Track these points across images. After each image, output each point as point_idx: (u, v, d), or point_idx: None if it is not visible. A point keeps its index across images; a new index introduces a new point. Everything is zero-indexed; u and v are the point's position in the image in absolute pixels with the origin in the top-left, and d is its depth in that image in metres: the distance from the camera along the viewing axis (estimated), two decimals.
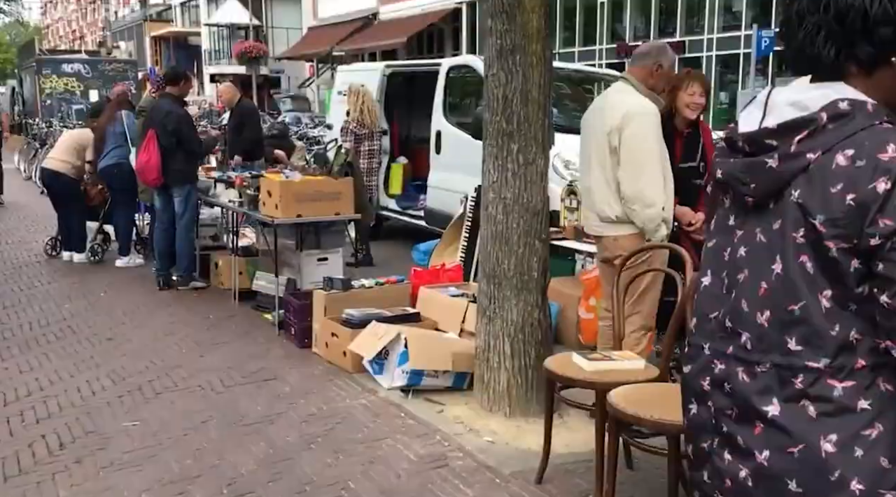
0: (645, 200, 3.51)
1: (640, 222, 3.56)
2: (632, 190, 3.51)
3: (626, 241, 3.66)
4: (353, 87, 7.84)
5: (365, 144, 7.82)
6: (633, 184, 3.51)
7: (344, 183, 5.63)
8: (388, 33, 29.30)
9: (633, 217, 3.57)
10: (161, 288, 6.65)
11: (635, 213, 3.54)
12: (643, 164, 3.50)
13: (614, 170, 3.59)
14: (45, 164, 7.62)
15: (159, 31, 45.39)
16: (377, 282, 5.12)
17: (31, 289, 6.64)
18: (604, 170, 3.65)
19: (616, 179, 3.59)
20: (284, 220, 5.43)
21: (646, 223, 3.54)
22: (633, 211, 3.54)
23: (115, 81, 21.12)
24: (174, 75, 6.64)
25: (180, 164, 6.43)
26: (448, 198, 8.03)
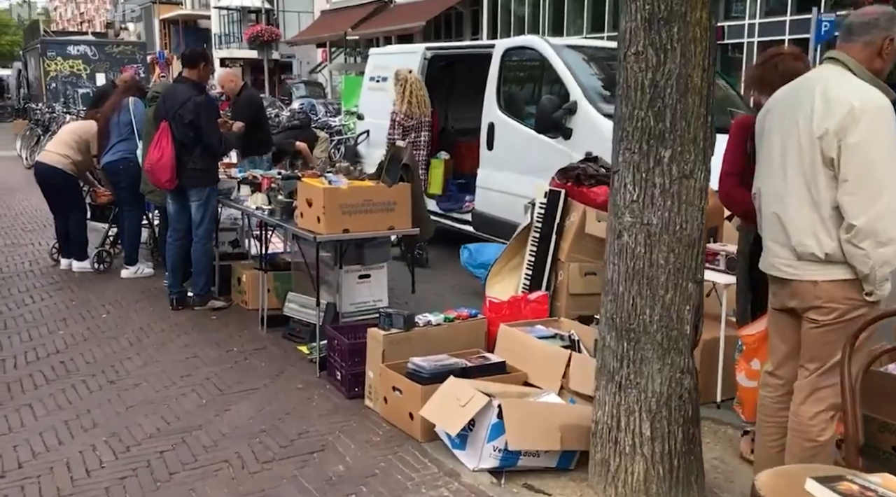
0: (879, 236, 2.44)
1: (863, 266, 2.49)
2: (864, 220, 2.43)
3: (833, 290, 2.59)
4: (400, 74, 6.75)
5: (410, 137, 6.77)
6: (864, 211, 2.44)
7: (399, 190, 4.58)
8: (405, 17, 28.21)
9: (855, 258, 2.50)
10: (175, 307, 5.62)
11: (861, 254, 2.47)
12: (881, 184, 2.44)
13: (829, 189, 2.52)
14: (41, 158, 6.58)
15: (168, 13, 44.38)
16: (446, 317, 4.07)
17: (21, 307, 5.62)
18: (810, 188, 2.58)
19: (832, 203, 2.52)
20: (329, 236, 4.39)
21: (874, 268, 2.48)
22: (859, 250, 2.47)
23: (122, 64, 20.16)
24: (192, 56, 5.57)
25: (199, 163, 5.38)
26: (501, 200, 6.97)
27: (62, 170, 6.45)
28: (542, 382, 3.68)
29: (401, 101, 6.70)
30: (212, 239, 5.73)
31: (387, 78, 8.70)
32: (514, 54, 7.10)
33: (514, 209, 6.78)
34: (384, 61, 8.84)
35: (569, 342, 3.92)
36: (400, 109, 6.71)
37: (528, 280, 5.74)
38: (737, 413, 3.46)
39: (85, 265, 6.68)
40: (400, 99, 6.71)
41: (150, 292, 6.08)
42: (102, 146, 6.43)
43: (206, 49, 5.92)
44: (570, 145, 6.24)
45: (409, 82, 6.73)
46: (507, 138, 6.97)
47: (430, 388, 3.49)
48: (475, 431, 3.26)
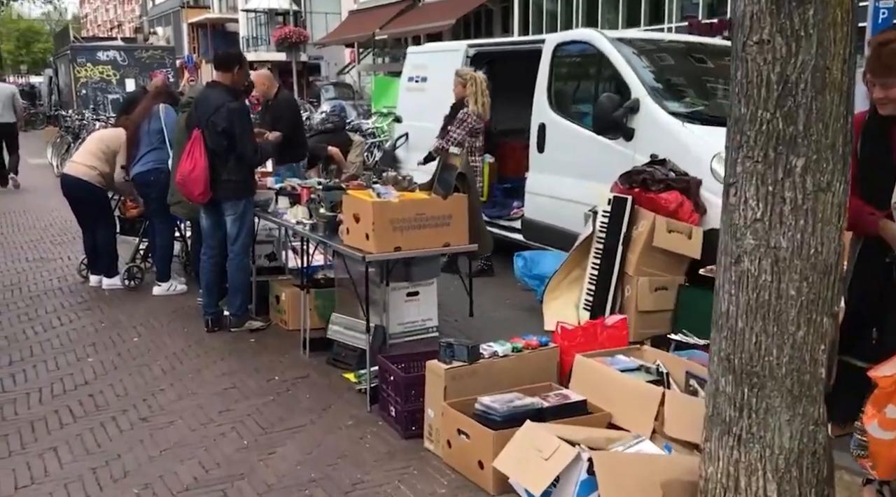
0: None
1: None
2: None
3: None
4: (465, 73, 6.30)
5: (468, 141, 6.33)
6: None
7: (455, 202, 4.13)
8: (435, 15, 27.80)
9: None
10: (210, 329, 5.24)
11: None
12: None
13: None
14: (67, 170, 6.25)
15: (196, 17, 44.47)
16: (514, 347, 3.61)
17: (49, 330, 5.28)
18: None
19: None
20: (379, 255, 3.96)
21: None
22: None
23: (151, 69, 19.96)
24: (225, 59, 5.18)
25: (233, 174, 4.99)
26: (553, 207, 6.49)
27: (89, 182, 6.10)
28: (630, 424, 3.21)
29: (473, 101, 6.26)
30: (249, 255, 5.34)
31: (426, 78, 8.28)
32: (567, 49, 6.62)
33: (567, 216, 6.31)
34: (423, 60, 8.40)
35: (656, 375, 3.44)
36: (474, 110, 6.26)
37: (590, 296, 5.27)
38: (863, 467, 2.95)
39: (115, 282, 6.34)
40: (473, 99, 6.26)
41: (184, 311, 5.71)
42: (132, 156, 6.08)
43: (240, 51, 5.51)
44: (632, 147, 5.75)
45: (478, 81, 6.28)
46: (560, 140, 6.49)
47: (503, 433, 3.04)
48: (561, 488, 2.80)
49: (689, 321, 4.96)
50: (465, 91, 6.28)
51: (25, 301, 5.98)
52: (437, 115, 7.83)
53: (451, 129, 6.28)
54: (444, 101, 7.72)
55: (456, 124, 6.27)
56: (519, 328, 5.35)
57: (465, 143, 6.28)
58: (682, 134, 5.45)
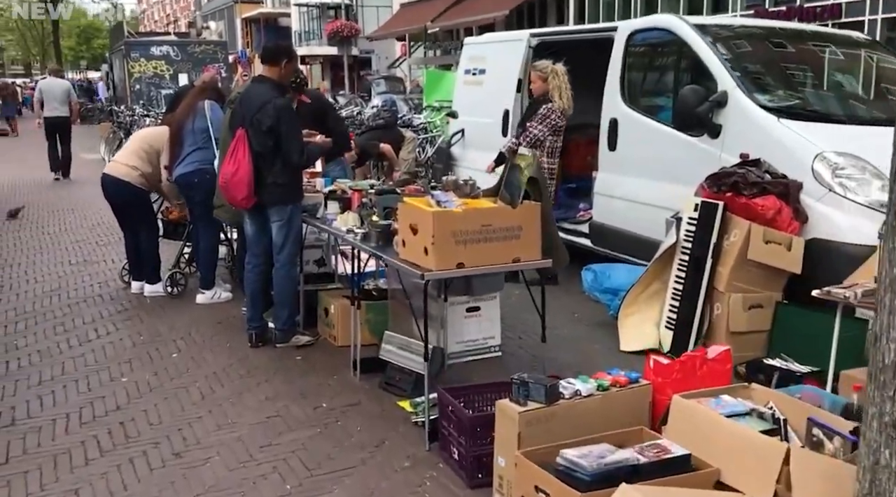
0: None
1: None
2: None
3: None
4: (541, 67, 5.73)
5: (548, 141, 5.78)
6: None
7: (526, 212, 3.61)
8: (488, 6, 27.25)
9: None
10: (254, 344, 4.84)
11: None
12: None
13: None
14: (107, 170, 5.92)
15: (250, 12, 44.74)
16: (600, 384, 3.08)
17: (84, 344, 4.94)
18: None
19: None
20: (439, 274, 3.47)
21: None
22: None
23: (204, 64, 19.87)
24: (273, 52, 4.74)
25: (280, 177, 4.56)
26: (625, 210, 5.93)
27: (130, 183, 5.76)
28: (744, 485, 2.65)
29: (558, 96, 5.70)
30: (296, 264, 4.92)
31: (484, 70, 7.76)
32: (643, 37, 6.02)
33: (642, 221, 5.73)
34: (481, 52, 7.88)
35: (772, 423, 2.88)
36: (559, 105, 5.70)
37: (673, 313, 4.71)
38: None
39: (157, 289, 6.00)
40: (557, 93, 5.71)
41: (228, 323, 5.33)
42: (175, 155, 5.72)
43: (289, 43, 5.06)
44: (718, 145, 5.15)
45: (559, 74, 5.72)
46: (635, 137, 5.91)
47: (591, 496, 2.53)
48: None
49: (786, 343, 4.38)
50: (546, 86, 5.72)
51: (63, 309, 5.68)
52: (496, 110, 7.32)
53: (532, 125, 5.71)
54: (504, 95, 7.21)
55: (538, 120, 5.70)
56: (591, 347, 4.84)
57: (546, 142, 5.73)
58: (778, 131, 4.83)
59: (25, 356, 4.69)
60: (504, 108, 7.19)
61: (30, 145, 18.50)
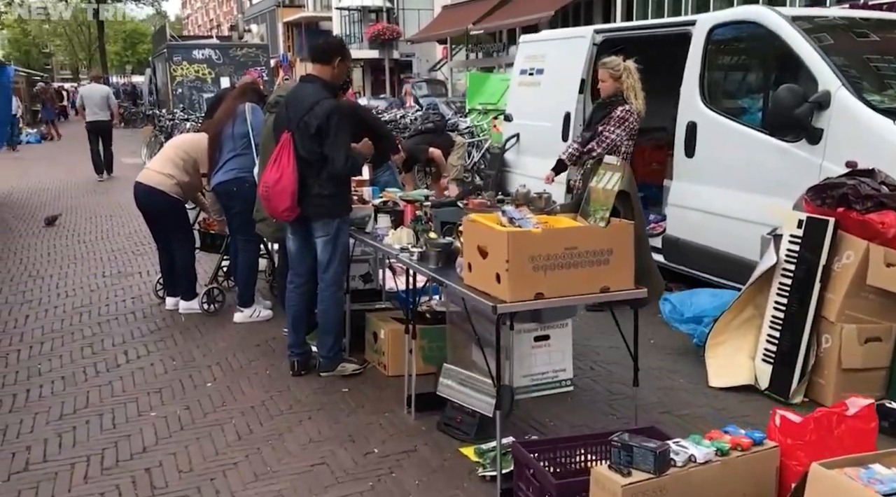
0: None
1: None
2: None
3: None
4: (612, 64, 5.15)
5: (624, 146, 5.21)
6: None
7: (617, 232, 3.06)
8: (532, 7, 26.66)
9: None
10: (296, 372, 4.37)
11: None
12: None
13: None
14: (140, 178, 5.50)
15: (291, 16, 44.79)
16: (718, 447, 2.51)
17: (112, 370, 4.52)
18: None
19: None
20: (515, 306, 2.95)
21: None
22: None
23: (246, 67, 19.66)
24: (326, 50, 4.24)
25: (326, 187, 4.08)
26: (705, 224, 5.34)
27: (165, 192, 5.35)
28: None
29: (634, 96, 5.12)
30: (343, 286, 4.43)
31: (542, 70, 7.23)
32: (726, 32, 5.42)
33: (725, 236, 5.15)
34: (539, 50, 7.35)
35: None
36: (636, 109, 5.12)
37: (772, 344, 4.10)
38: None
39: (193, 306, 5.58)
40: (633, 93, 5.12)
41: (267, 346, 4.87)
42: (213, 162, 5.29)
43: (342, 40, 4.57)
44: (819, 152, 4.54)
45: (633, 72, 5.14)
46: (716, 142, 5.32)
47: None
48: None
49: None
50: (619, 85, 5.13)
51: (93, 328, 5.28)
52: (555, 112, 6.78)
53: (608, 129, 5.12)
54: (565, 96, 6.66)
55: (615, 124, 5.11)
56: (674, 381, 4.26)
57: (622, 147, 5.15)
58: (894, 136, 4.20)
59: (48, 383, 4.28)
60: (565, 111, 6.65)
61: (73, 150, 18.48)
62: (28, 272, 6.87)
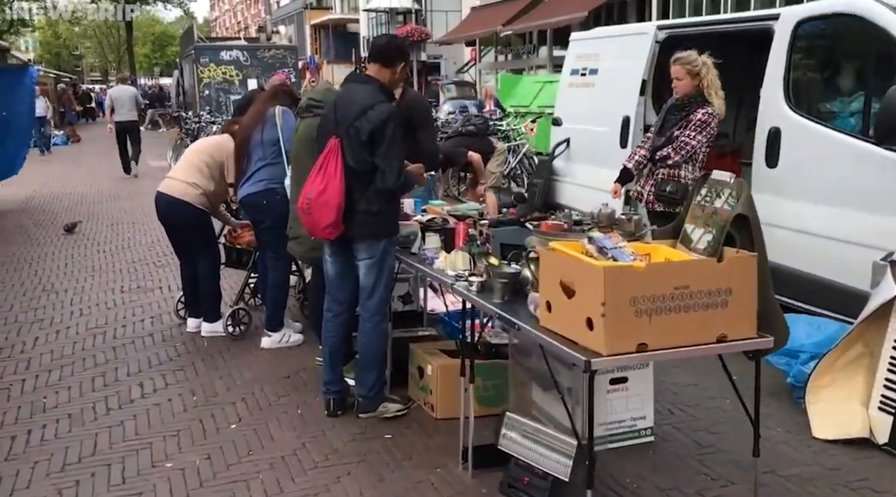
0: None
1: None
2: None
3: None
4: (689, 59, 4.52)
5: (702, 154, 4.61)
6: None
7: (738, 267, 2.48)
8: (564, 8, 26.01)
9: None
10: (331, 413, 3.83)
11: None
12: None
13: None
14: (162, 187, 5.00)
15: (319, 18, 44.56)
16: None
17: (126, 406, 4.00)
18: None
19: None
20: (612, 361, 2.37)
21: None
22: None
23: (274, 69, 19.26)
24: (388, 50, 3.69)
25: (374, 203, 3.54)
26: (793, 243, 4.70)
27: (188, 203, 4.85)
28: None
29: (715, 95, 4.52)
30: (387, 315, 3.87)
31: (596, 70, 6.64)
32: (817, 27, 4.80)
33: (818, 258, 4.53)
34: (593, 48, 6.76)
35: None
36: (718, 109, 4.53)
37: (892, 390, 3.48)
38: None
39: (216, 328, 5.07)
40: (714, 93, 4.53)
41: (299, 378, 4.34)
42: (241, 171, 4.78)
43: (405, 43, 4.01)
44: None
45: (711, 68, 4.54)
46: (806, 151, 4.71)
47: None
48: None
49: None
50: (698, 83, 4.53)
51: (107, 353, 4.78)
52: (612, 116, 6.18)
53: (688, 134, 4.51)
54: (624, 98, 6.07)
55: (695, 128, 4.50)
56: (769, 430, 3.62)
57: (699, 155, 4.57)
58: None
59: (52, 423, 3.78)
60: (623, 115, 6.06)
61: (97, 152, 18.20)
62: (42, 286, 6.42)
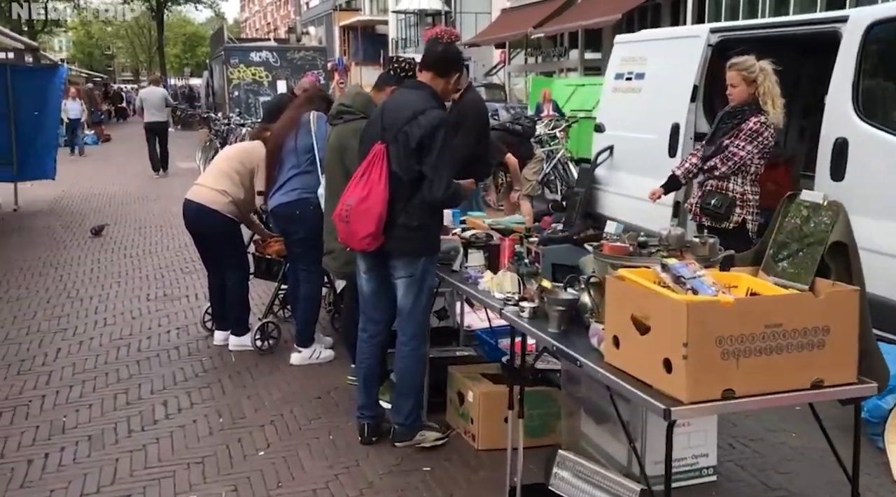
0: None
1: None
2: None
3: None
4: (745, 65, 4.20)
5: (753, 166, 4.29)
6: None
7: (838, 302, 2.18)
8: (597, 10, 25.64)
9: None
10: (366, 440, 3.58)
11: None
12: None
13: None
14: (190, 194, 4.79)
15: (348, 20, 44.53)
16: None
17: (148, 428, 3.78)
18: None
19: None
20: (695, 409, 2.09)
21: None
22: None
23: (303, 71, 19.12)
24: (446, 60, 3.44)
25: (415, 217, 3.28)
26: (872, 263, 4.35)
27: (217, 211, 4.63)
28: None
29: (772, 105, 4.22)
30: (427, 339, 3.60)
31: (643, 74, 6.33)
32: (891, 29, 4.45)
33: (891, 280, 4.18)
34: (640, 51, 6.45)
35: None
36: (774, 117, 4.23)
37: None
38: None
39: (244, 342, 4.85)
40: (770, 102, 4.22)
41: (330, 399, 4.10)
42: (271, 179, 4.56)
43: (461, 53, 3.74)
44: None
45: (770, 75, 4.23)
46: (875, 163, 4.37)
47: None
48: None
49: None
50: (753, 90, 4.23)
51: (131, 367, 4.58)
52: (661, 123, 5.87)
53: (737, 144, 4.21)
54: (673, 104, 5.75)
55: (745, 138, 4.20)
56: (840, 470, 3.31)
57: (751, 167, 4.27)
58: None
59: (72, 445, 3.57)
60: (673, 122, 5.75)
61: (126, 153, 18.19)
62: (67, 292, 6.25)
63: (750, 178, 4.34)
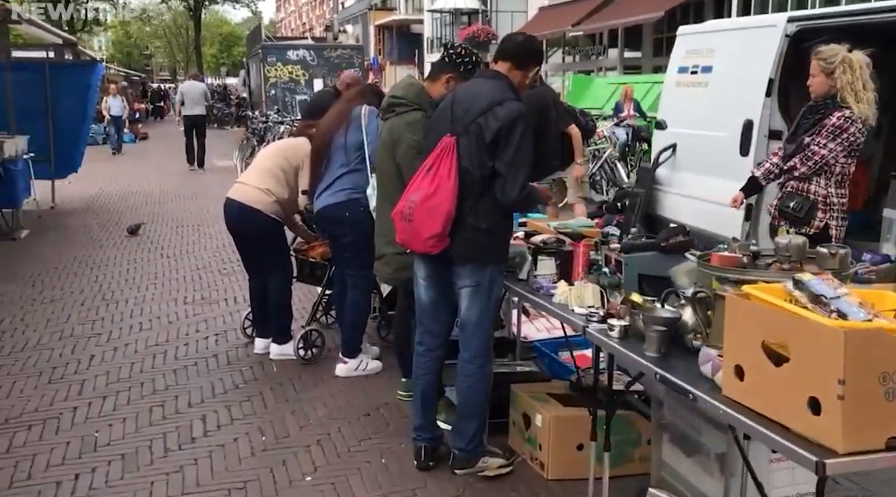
0: None
1: None
2: None
3: None
4: (828, 54, 3.82)
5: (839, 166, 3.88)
6: None
7: None
8: (639, 8, 25.09)
9: None
10: (422, 465, 3.24)
11: None
12: None
13: None
14: (232, 193, 4.50)
15: (383, 19, 44.41)
16: None
17: (185, 446, 3.48)
18: None
19: None
20: (855, 461, 1.70)
21: None
22: None
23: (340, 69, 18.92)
24: (526, 51, 3.14)
25: (483, 219, 2.93)
26: None
27: (260, 211, 4.33)
28: None
29: (855, 99, 3.81)
30: (492, 355, 3.24)
31: (711, 67, 5.89)
32: None
33: None
34: (707, 43, 6.02)
35: None
36: (860, 113, 3.82)
37: None
38: None
39: (286, 351, 4.54)
40: (852, 96, 3.82)
41: (380, 416, 3.77)
42: (317, 178, 4.24)
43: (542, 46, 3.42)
44: None
45: (856, 66, 3.80)
46: None
47: None
48: None
49: None
50: (831, 82, 3.82)
51: (167, 377, 4.29)
52: (731, 120, 5.42)
53: (818, 141, 3.81)
54: (746, 99, 5.31)
55: (827, 135, 3.79)
56: None
57: (836, 167, 3.85)
58: None
59: (104, 465, 3.28)
60: (745, 118, 5.31)
61: (164, 150, 18.12)
62: (102, 294, 6.01)
63: (835, 179, 3.91)
